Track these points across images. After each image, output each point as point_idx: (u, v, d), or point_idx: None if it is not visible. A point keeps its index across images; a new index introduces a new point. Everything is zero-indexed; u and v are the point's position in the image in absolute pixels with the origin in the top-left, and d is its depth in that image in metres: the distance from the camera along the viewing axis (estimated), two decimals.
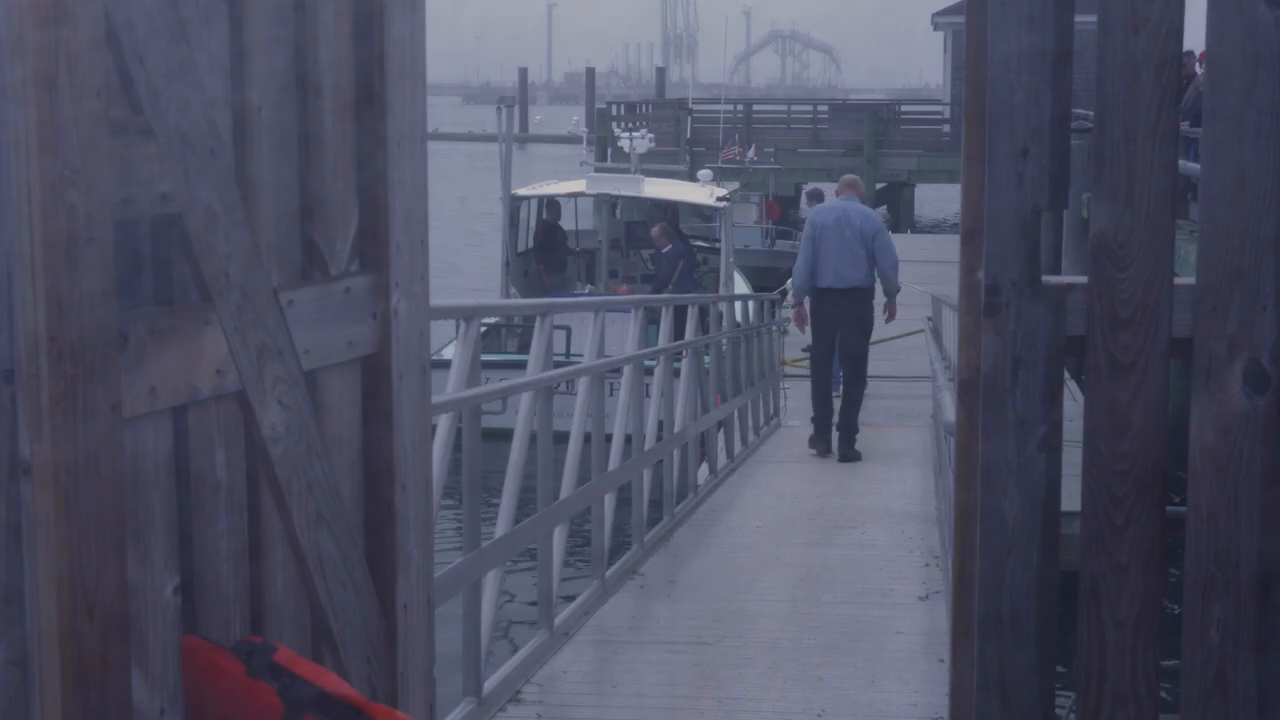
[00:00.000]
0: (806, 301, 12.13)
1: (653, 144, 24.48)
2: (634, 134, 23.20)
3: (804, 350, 14.93)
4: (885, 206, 38.28)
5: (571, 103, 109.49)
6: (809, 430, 12.64)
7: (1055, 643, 3.13)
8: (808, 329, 12.46)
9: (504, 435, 6.48)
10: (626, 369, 8.74)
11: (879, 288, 11.94)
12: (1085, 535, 3.08)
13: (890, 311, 12.52)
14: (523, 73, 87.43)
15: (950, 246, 15.44)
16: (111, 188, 2.59)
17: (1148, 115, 3.00)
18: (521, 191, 19.70)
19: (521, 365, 7.02)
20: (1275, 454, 3.00)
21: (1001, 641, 3.11)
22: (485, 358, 12.21)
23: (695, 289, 17.27)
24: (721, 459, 11.71)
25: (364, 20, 3.36)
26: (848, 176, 12.56)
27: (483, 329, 13.79)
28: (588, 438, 7.50)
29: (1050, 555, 3.10)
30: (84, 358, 2.52)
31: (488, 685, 5.63)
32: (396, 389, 3.47)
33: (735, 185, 23.90)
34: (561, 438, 7.00)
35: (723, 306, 13.35)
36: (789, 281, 13.96)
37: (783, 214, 30.43)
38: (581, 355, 8.29)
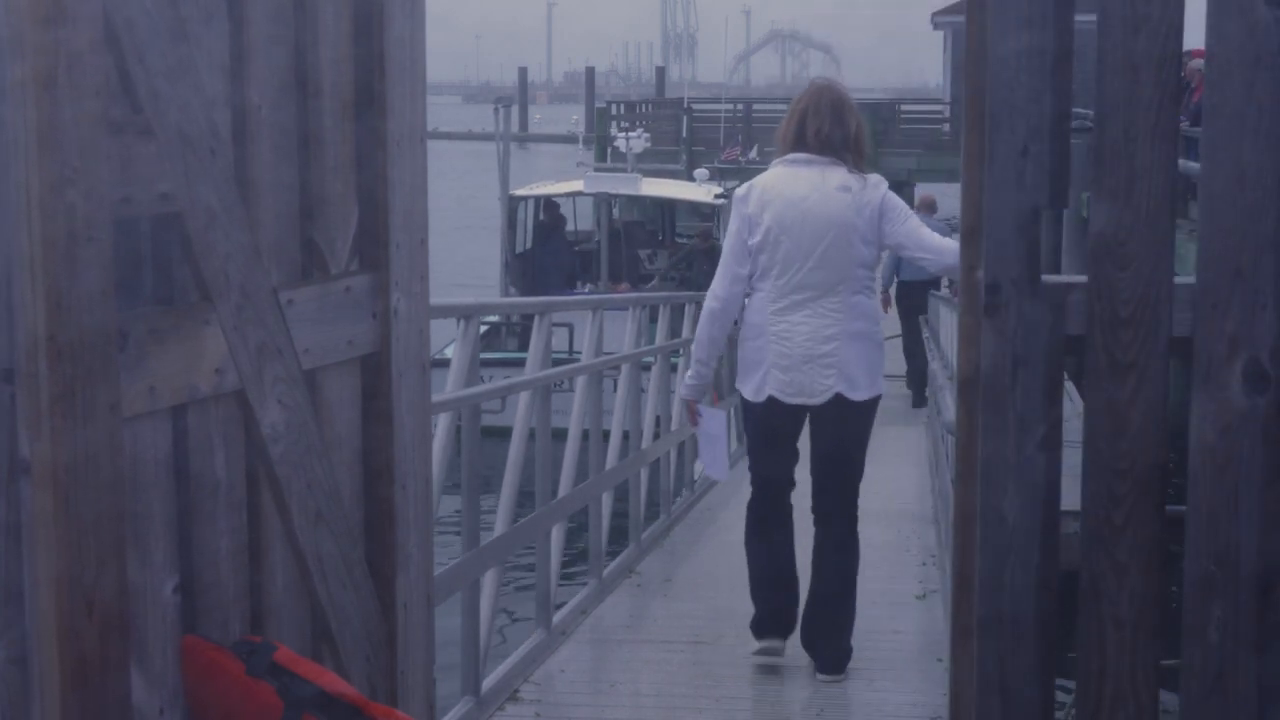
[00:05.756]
0: (892, 290, 16.11)
1: (648, 143, 24.42)
2: (630, 134, 23.18)
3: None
4: None
5: (572, 102, 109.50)
6: None
7: (1055, 643, 3.13)
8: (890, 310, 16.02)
9: (503, 433, 6.48)
10: (624, 368, 8.74)
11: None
12: (1085, 534, 3.08)
13: (955, 290, 16.30)
14: (523, 72, 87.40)
15: None
16: (111, 187, 2.59)
17: (1148, 115, 3.00)
18: (520, 192, 19.69)
19: (521, 364, 7.02)
20: (1275, 454, 3.00)
21: (1001, 641, 3.11)
22: (485, 356, 12.23)
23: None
24: None
25: (364, 20, 3.36)
26: (926, 196, 17.40)
27: (483, 329, 13.70)
28: (586, 435, 7.50)
29: (1050, 555, 3.10)
30: (83, 357, 2.52)
31: (486, 684, 5.63)
32: (396, 388, 3.47)
33: (735, 183, 23.87)
34: (560, 435, 7.00)
35: None
36: None
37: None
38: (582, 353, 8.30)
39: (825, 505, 5.89)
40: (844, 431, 5.73)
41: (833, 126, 5.66)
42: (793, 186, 5.60)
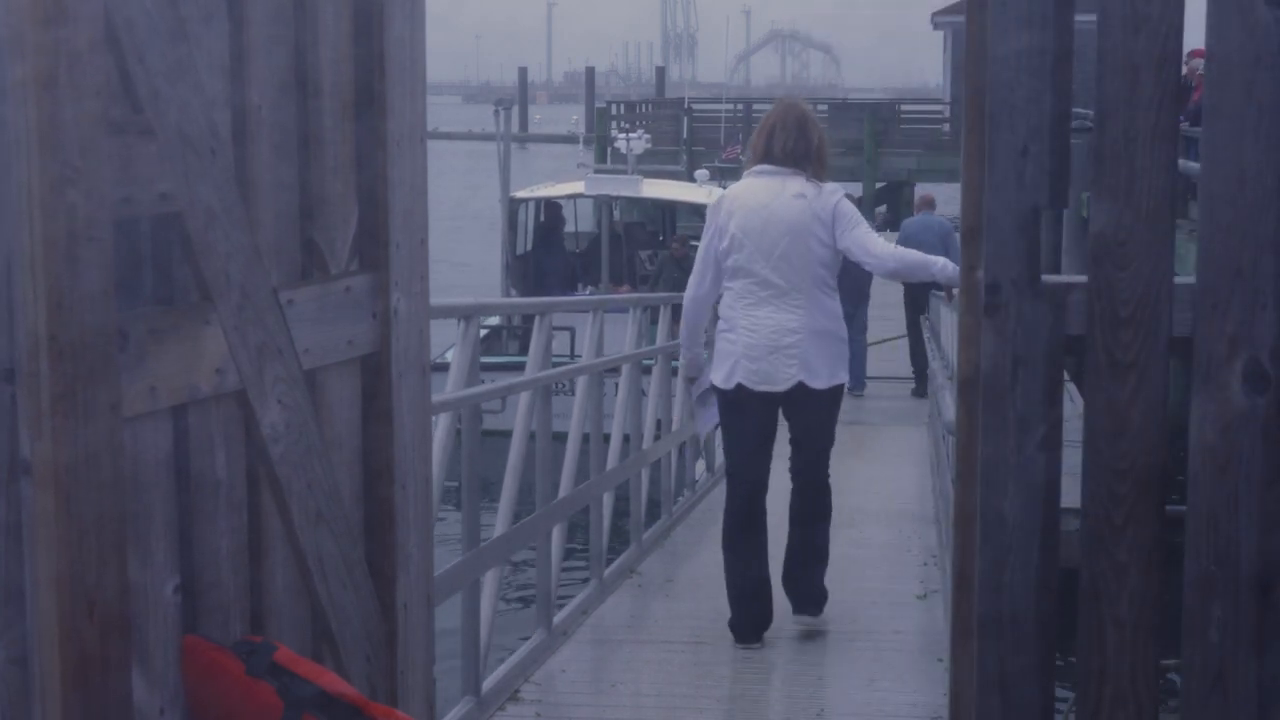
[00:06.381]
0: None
1: (649, 144, 24.37)
2: (630, 135, 23.13)
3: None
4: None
5: (572, 102, 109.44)
6: None
7: (1055, 643, 3.13)
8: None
9: (504, 436, 6.48)
10: (625, 368, 8.74)
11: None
12: (1085, 535, 3.08)
13: (948, 294, 16.21)
14: (523, 72, 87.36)
15: None
16: (111, 187, 2.59)
17: (1148, 115, 3.00)
18: (520, 194, 19.64)
19: (522, 368, 7.03)
20: (1275, 454, 3.00)
21: (1001, 641, 3.11)
22: (485, 360, 12.20)
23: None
24: (719, 457, 11.71)
25: (364, 20, 3.36)
26: (926, 195, 17.39)
27: (483, 333, 13.61)
28: (587, 437, 7.50)
29: (1050, 555, 3.10)
30: (84, 357, 2.52)
31: (486, 684, 5.63)
32: (396, 388, 3.48)
33: (736, 183, 23.80)
34: (561, 438, 7.00)
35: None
36: None
37: None
38: (582, 355, 8.30)
39: (801, 475, 6.52)
40: (810, 415, 6.40)
41: (797, 141, 6.31)
42: (755, 195, 6.31)
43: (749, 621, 6.45)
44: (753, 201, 6.28)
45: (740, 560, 6.44)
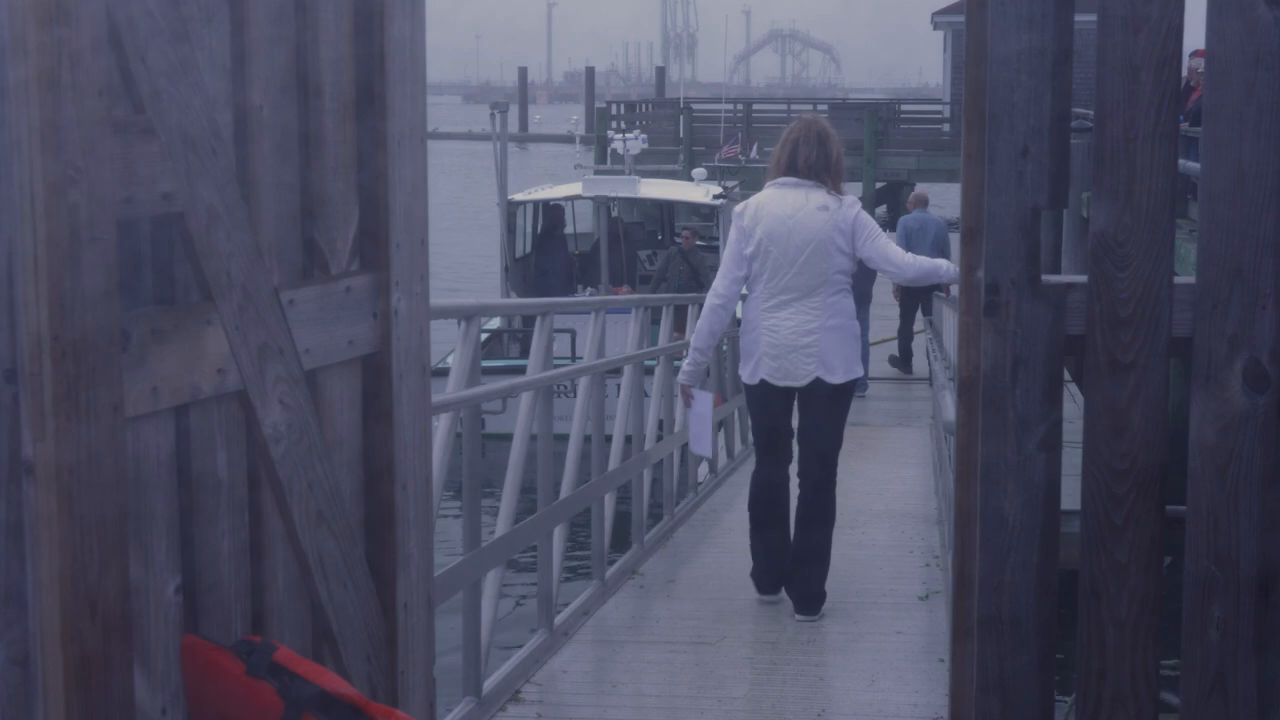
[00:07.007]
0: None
1: (645, 145, 24.36)
2: (626, 135, 23.10)
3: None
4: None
5: (572, 102, 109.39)
6: None
7: (1055, 643, 3.13)
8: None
9: (505, 438, 6.48)
10: (626, 369, 8.75)
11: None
12: (1085, 535, 3.09)
13: (946, 290, 16.55)
14: (523, 72, 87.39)
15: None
16: (113, 187, 2.59)
17: (1148, 115, 3.00)
18: (518, 196, 19.60)
19: (523, 371, 7.04)
20: (1275, 454, 3.01)
21: (1001, 641, 3.12)
22: (487, 364, 12.19)
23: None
24: (722, 458, 11.71)
25: (364, 20, 3.36)
26: (920, 193, 17.59)
27: (484, 335, 13.55)
28: (588, 438, 7.51)
29: (1050, 555, 3.10)
30: (86, 357, 2.52)
31: (487, 685, 5.64)
32: (397, 388, 3.48)
33: (734, 182, 23.78)
34: (562, 439, 7.00)
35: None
36: None
37: None
38: (584, 357, 8.30)
39: (809, 472, 6.96)
40: (824, 408, 6.87)
41: (818, 154, 6.82)
42: (781, 205, 6.80)
43: (771, 572, 7.10)
44: (779, 211, 6.77)
45: (764, 522, 7.04)
